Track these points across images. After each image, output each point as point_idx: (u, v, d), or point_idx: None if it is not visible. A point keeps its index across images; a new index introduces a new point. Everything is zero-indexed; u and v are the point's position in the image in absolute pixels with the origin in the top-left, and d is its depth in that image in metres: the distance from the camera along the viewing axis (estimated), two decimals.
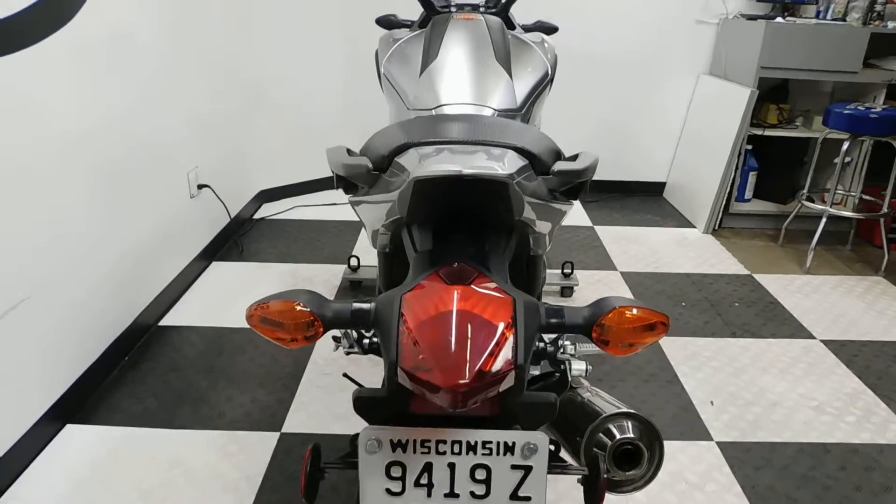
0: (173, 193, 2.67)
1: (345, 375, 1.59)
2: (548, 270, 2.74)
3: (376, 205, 0.99)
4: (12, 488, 1.68)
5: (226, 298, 2.68)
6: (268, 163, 3.68)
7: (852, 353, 2.40)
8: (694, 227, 3.63)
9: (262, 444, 1.85)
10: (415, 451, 0.70)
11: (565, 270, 2.74)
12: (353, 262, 2.79)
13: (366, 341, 1.47)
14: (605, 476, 0.90)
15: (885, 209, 3.14)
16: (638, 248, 3.33)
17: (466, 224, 0.88)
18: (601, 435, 1.09)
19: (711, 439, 1.92)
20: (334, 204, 3.77)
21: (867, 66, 3.37)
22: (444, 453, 0.70)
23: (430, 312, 0.66)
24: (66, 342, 1.95)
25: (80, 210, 2.00)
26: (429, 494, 0.70)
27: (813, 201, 3.34)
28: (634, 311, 0.73)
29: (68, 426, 1.92)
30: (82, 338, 2.03)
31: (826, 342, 2.47)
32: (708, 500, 1.69)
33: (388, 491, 0.70)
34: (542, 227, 0.99)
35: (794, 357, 2.36)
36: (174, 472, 1.74)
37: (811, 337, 2.51)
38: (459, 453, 0.70)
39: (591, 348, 1.38)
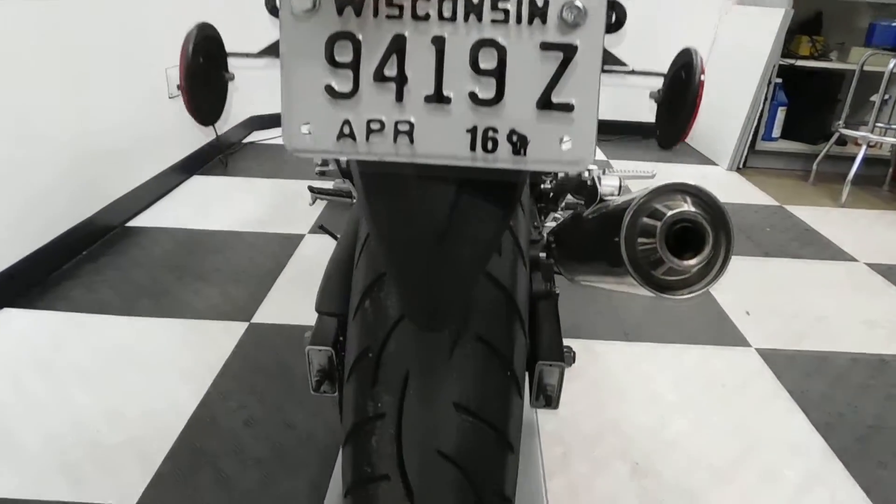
0: (149, 90, 2.40)
1: (321, 228, 1.33)
2: None
3: None
4: None
5: (204, 206, 2.42)
6: (260, 88, 3.40)
7: None
8: (716, 164, 3.36)
9: (227, 334, 1.59)
10: (376, 14, 0.41)
11: None
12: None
13: (343, 159, 1.21)
14: (657, 266, 0.63)
15: None
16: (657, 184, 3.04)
17: None
18: (646, 219, 0.76)
19: (750, 346, 1.65)
20: None
21: None
22: (427, 18, 0.40)
23: None
24: (14, 223, 1.69)
25: (40, 86, 1.73)
26: (399, 97, 0.42)
27: (848, 132, 3.06)
28: None
29: (6, 309, 1.65)
30: (27, 219, 1.76)
31: (871, 265, 2.20)
32: (751, 404, 1.43)
33: (330, 90, 0.42)
34: None
35: (838, 277, 2.09)
36: (121, 358, 1.48)
37: (854, 260, 2.23)
38: (454, 19, 0.40)
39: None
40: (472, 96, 0.41)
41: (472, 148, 0.42)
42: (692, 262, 0.70)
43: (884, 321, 1.82)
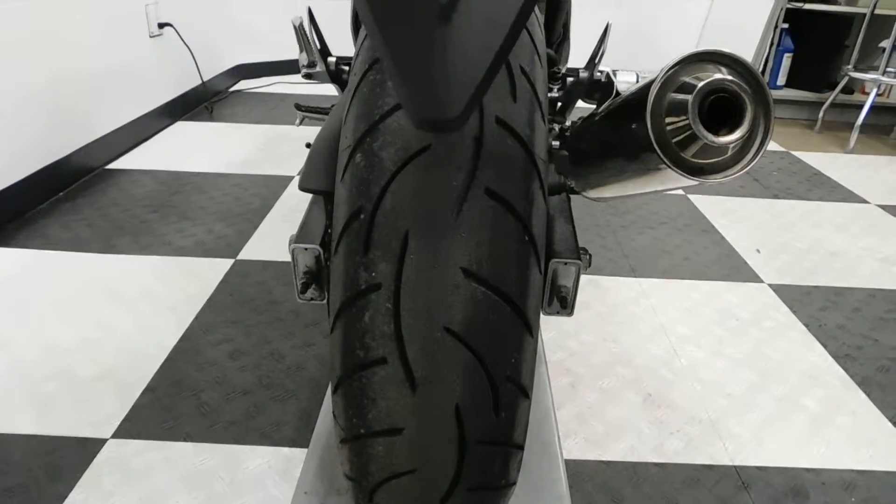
0: (129, 27, 2.27)
1: (308, 146, 1.23)
2: None
3: None
4: None
5: (189, 149, 2.31)
6: (248, 33, 3.27)
7: None
8: None
9: (212, 270, 1.50)
10: None
11: None
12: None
13: (331, 59, 1.11)
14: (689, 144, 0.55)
15: None
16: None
17: None
18: (674, 94, 0.65)
19: (762, 282, 1.57)
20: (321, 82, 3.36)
21: None
22: None
23: None
24: None
25: (12, 17, 1.61)
26: None
27: (858, 75, 2.96)
28: None
29: None
30: (1, 155, 1.66)
31: (883, 206, 2.12)
32: (766, 335, 1.35)
33: None
34: None
35: (849, 217, 2.01)
36: (97, 293, 1.39)
37: (864, 202, 2.15)
38: None
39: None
40: None
41: None
42: (730, 137, 0.60)
43: None
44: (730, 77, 0.63)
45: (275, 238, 1.66)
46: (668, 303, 1.45)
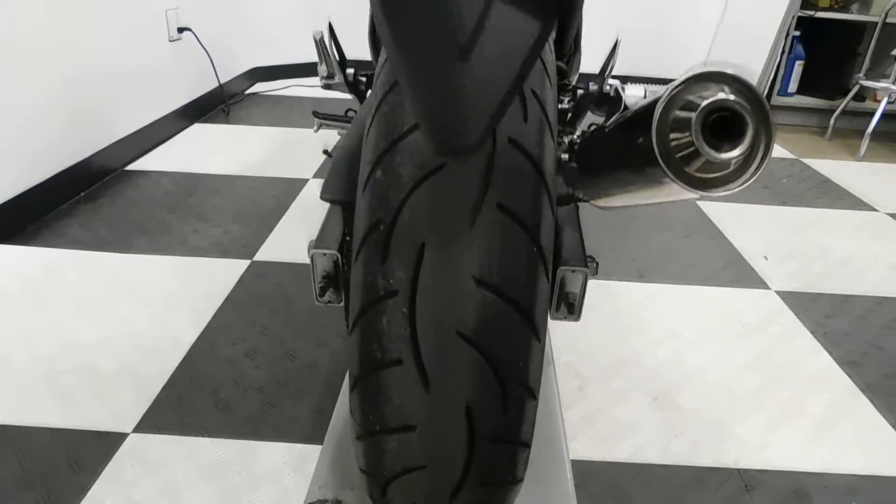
0: (149, 32, 2.31)
1: (325, 153, 1.26)
2: None
3: None
4: None
5: (206, 151, 2.35)
6: (264, 36, 3.31)
7: None
8: None
9: (228, 270, 1.53)
10: None
11: None
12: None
13: (350, 71, 1.14)
14: (691, 158, 0.57)
15: None
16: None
17: None
18: (679, 111, 0.68)
19: (769, 288, 1.59)
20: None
21: None
22: None
23: None
24: (2, 158, 1.63)
25: (38, 20, 1.66)
26: None
27: (869, 84, 2.97)
28: None
29: (1, 246, 1.60)
30: (24, 157, 1.70)
31: (892, 215, 2.13)
32: (771, 343, 1.37)
33: None
34: None
35: (858, 224, 2.03)
36: (117, 291, 1.43)
37: (873, 209, 2.17)
38: None
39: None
40: None
41: None
42: (731, 154, 0.63)
43: None
44: (732, 97, 0.66)
45: (290, 240, 1.69)
46: (676, 307, 1.47)
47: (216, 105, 2.89)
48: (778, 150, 2.80)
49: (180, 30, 2.53)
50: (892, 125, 3.18)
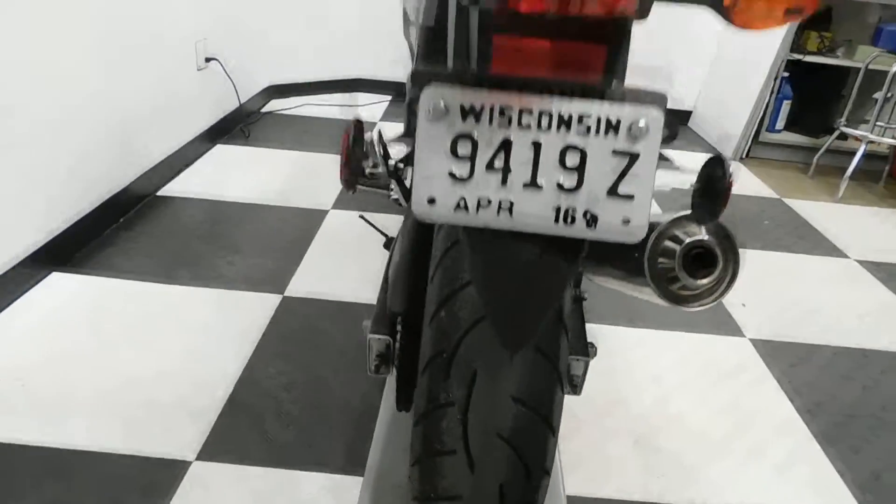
0: (180, 62, 2.48)
1: (361, 217, 1.44)
2: None
3: None
4: None
5: (229, 176, 2.52)
6: (280, 55, 3.47)
7: (889, 274, 2.26)
8: (721, 153, 3.46)
9: (262, 304, 1.71)
10: (491, 122, 0.53)
11: None
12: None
13: (391, 162, 1.32)
14: (676, 281, 0.75)
15: None
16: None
17: None
18: (668, 242, 0.89)
19: (744, 335, 1.79)
20: (348, 105, 3.57)
21: None
22: (528, 127, 0.53)
23: None
24: (59, 189, 1.79)
25: (84, 61, 1.82)
26: (503, 182, 0.55)
27: (849, 131, 3.17)
28: None
29: (55, 273, 1.77)
30: (76, 188, 1.87)
31: (861, 262, 2.33)
32: (742, 390, 1.57)
33: (452, 175, 0.55)
34: None
35: (830, 272, 2.23)
36: (164, 323, 1.60)
37: (846, 256, 2.37)
38: (548, 129, 0.53)
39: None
40: (559, 185, 0.54)
41: (556, 221, 0.55)
42: (704, 281, 0.83)
43: (868, 317, 1.96)
44: (707, 237, 0.87)
45: (316, 275, 1.87)
46: (660, 353, 1.67)
47: (235, 124, 3.05)
48: (763, 189, 3.00)
49: (207, 59, 2.69)
50: (872, 164, 3.38)
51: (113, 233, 2.02)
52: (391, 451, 1.26)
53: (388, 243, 1.36)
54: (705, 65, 3.81)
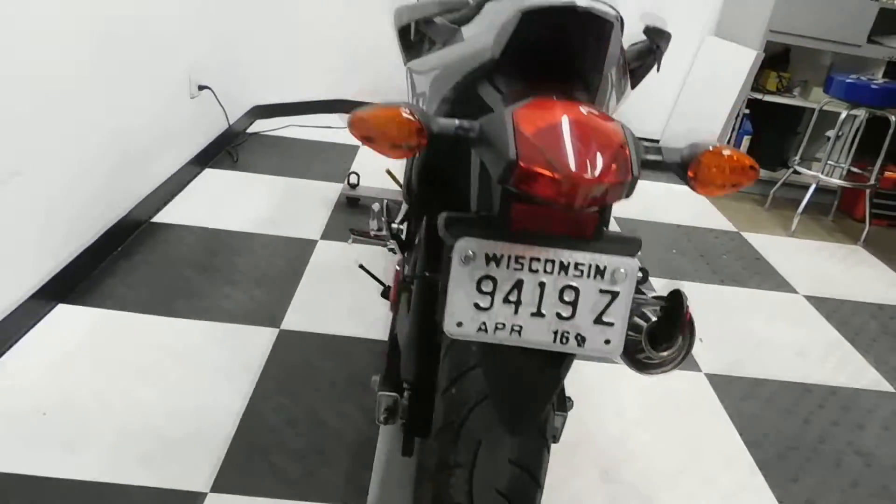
0: (174, 91, 2.58)
1: (361, 267, 1.59)
2: None
3: (444, 60, 0.98)
4: (2, 359, 1.64)
5: (220, 202, 2.63)
6: (264, 76, 3.58)
7: (832, 309, 2.48)
8: (684, 185, 3.68)
9: (259, 338, 1.84)
10: (508, 267, 0.70)
11: None
12: (353, 178, 2.75)
13: (394, 225, 1.47)
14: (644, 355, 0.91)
15: (871, 180, 3.22)
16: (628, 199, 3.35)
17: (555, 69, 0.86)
18: (636, 318, 1.07)
19: (700, 370, 1.98)
20: (329, 127, 3.70)
21: (870, 42, 3.41)
22: (537, 271, 0.70)
23: (549, 121, 0.66)
24: (59, 222, 1.89)
25: (88, 96, 1.92)
26: (515, 311, 0.71)
27: (802, 171, 3.41)
28: (729, 152, 0.74)
29: (60, 305, 1.87)
30: (76, 220, 1.97)
31: (808, 297, 2.55)
32: (697, 423, 1.75)
33: (477, 305, 0.71)
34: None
35: (779, 307, 2.44)
36: (168, 356, 1.72)
37: (794, 292, 2.58)
38: (551, 273, 0.70)
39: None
40: (558, 314, 0.70)
41: (555, 341, 0.71)
42: (665, 353, 1.01)
43: (811, 352, 2.17)
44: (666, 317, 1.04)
45: (310, 310, 2.00)
46: (625, 388, 1.84)
47: (222, 147, 3.15)
48: (722, 222, 3.22)
49: (200, 87, 2.79)
50: (824, 196, 3.62)
51: (113, 261, 2.13)
52: (390, 488, 1.40)
53: (386, 292, 1.50)
54: (670, 101, 4.03)
